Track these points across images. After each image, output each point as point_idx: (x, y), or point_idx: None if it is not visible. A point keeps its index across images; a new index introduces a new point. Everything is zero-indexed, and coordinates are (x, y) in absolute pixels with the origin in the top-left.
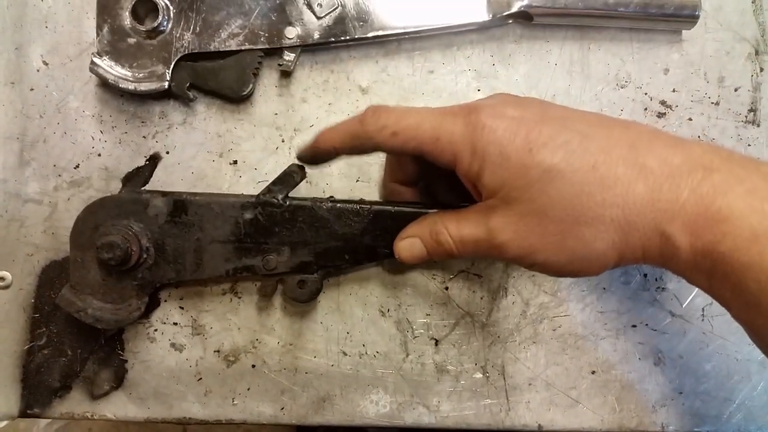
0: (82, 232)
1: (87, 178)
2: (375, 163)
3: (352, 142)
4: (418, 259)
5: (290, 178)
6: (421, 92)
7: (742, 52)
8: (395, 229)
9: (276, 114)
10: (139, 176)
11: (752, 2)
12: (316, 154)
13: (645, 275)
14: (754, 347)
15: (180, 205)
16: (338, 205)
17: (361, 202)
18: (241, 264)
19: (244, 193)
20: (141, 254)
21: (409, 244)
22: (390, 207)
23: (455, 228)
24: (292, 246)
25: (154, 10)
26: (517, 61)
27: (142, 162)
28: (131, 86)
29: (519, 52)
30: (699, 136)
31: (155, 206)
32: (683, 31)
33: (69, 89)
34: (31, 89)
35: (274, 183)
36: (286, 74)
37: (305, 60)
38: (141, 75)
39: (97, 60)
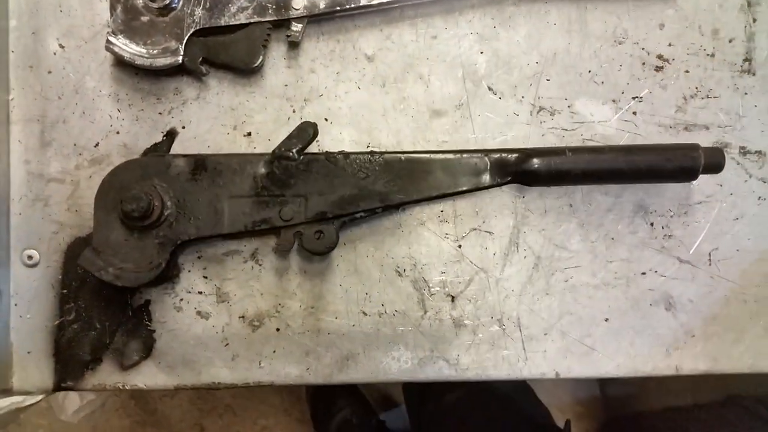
0: (107, 194)
1: (107, 155)
2: (384, 129)
3: None
4: None
5: (304, 133)
6: (425, 57)
7: (734, 4)
8: (406, 175)
9: (286, 85)
10: (157, 151)
11: None
12: None
13: (651, 224)
14: (762, 288)
15: (200, 163)
16: (350, 156)
17: (372, 153)
18: (259, 217)
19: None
20: (163, 209)
21: None
22: (400, 154)
23: None
24: (307, 197)
25: None
26: (517, 23)
27: (159, 138)
28: (147, 62)
29: (519, 14)
30: (696, 88)
31: (177, 166)
32: None
33: (85, 70)
34: (49, 72)
35: (288, 138)
36: (294, 45)
37: (311, 31)
38: (155, 51)
39: (112, 39)
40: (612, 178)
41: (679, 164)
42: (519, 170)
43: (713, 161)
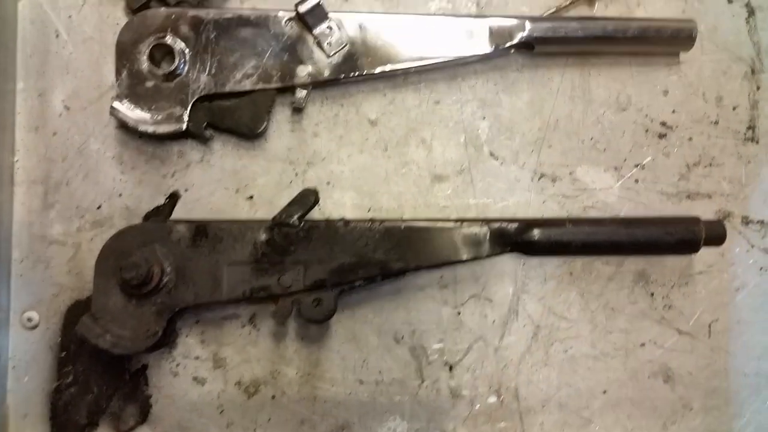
0: (107, 260)
1: (109, 218)
2: (386, 193)
3: None
4: None
5: (305, 200)
6: (428, 122)
7: (738, 72)
8: (406, 243)
9: (289, 149)
10: (159, 214)
11: (746, 22)
12: None
13: (652, 294)
14: (763, 362)
15: (201, 229)
16: (351, 223)
17: (373, 220)
18: (258, 284)
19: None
20: (162, 276)
21: None
22: (400, 223)
23: None
24: (306, 264)
25: (171, 53)
26: (520, 89)
27: (161, 200)
28: (150, 129)
29: (522, 80)
30: (699, 155)
31: (178, 232)
32: (681, 53)
33: (90, 132)
34: (54, 133)
35: (290, 204)
36: (298, 110)
37: (316, 95)
38: (159, 117)
39: (117, 104)
40: (612, 251)
41: (680, 237)
42: (519, 241)
43: (714, 235)
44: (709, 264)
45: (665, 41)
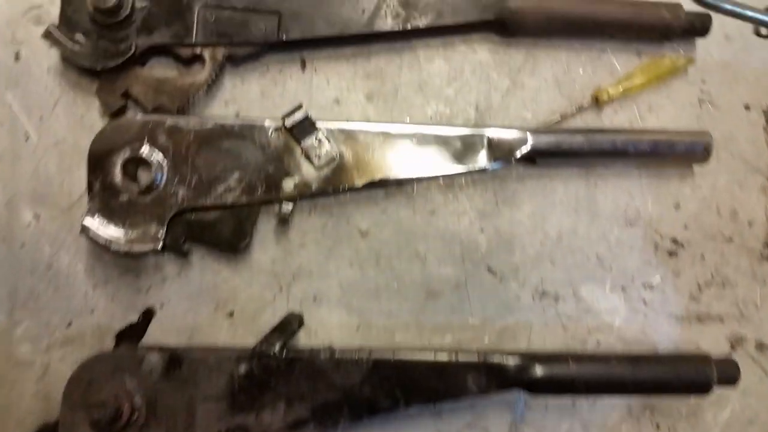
0: (75, 391)
1: (80, 336)
2: (376, 310)
3: None
4: None
5: (287, 326)
6: (422, 233)
7: (755, 184)
8: (396, 379)
9: (273, 261)
10: (133, 333)
11: (764, 130)
12: None
13: (657, 425)
14: None
15: (175, 359)
16: (336, 356)
17: (360, 350)
18: (234, 423)
19: (241, 346)
20: (132, 414)
21: None
22: (390, 356)
23: None
24: (288, 401)
25: (148, 164)
26: (520, 201)
27: (135, 317)
28: (123, 248)
29: (522, 192)
30: (712, 275)
31: (150, 361)
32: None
33: (60, 243)
34: (22, 245)
35: (271, 333)
36: (283, 221)
37: (303, 205)
38: (134, 235)
39: (88, 221)
40: (618, 391)
41: (690, 380)
42: (519, 379)
43: (726, 376)
44: (719, 394)
45: (679, 155)
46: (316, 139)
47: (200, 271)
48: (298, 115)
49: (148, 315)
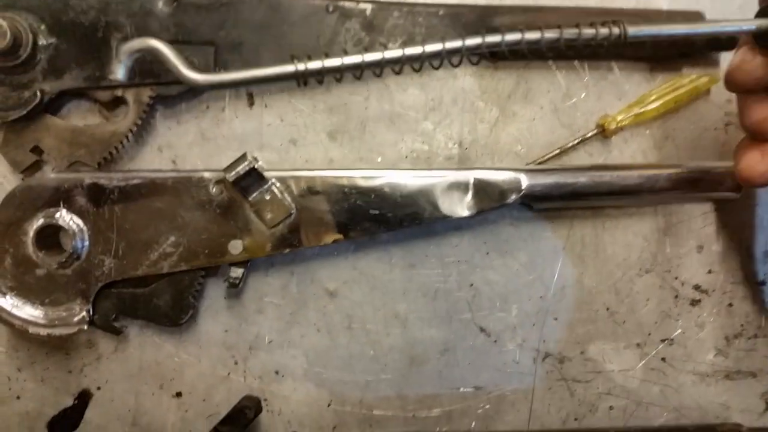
0: None
1: (5, 428)
2: (350, 383)
3: None
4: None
5: (242, 415)
6: (401, 291)
7: None
8: None
9: (226, 331)
10: (66, 420)
11: None
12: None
13: None
14: None
15: None
16: None
17: None
18: None
19: None
20: None
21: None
22: None
23: None
24: None
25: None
26: (515, 248)
27: (69, 401)
28: (44, 332)
29: (517, 237)
30: (741, 325)
31: None
32: None
33: None
34: None
35: (222, 422)
36: (234, 286)
37: (259, 262)
38: (55, 315)
39: (0, 302)
40: None
41: None
42: None
43: None
44: None
45: (707, 189)
46: (266, 192)
47: (140, 347)
48: (243, 167)
49: (83, 398)
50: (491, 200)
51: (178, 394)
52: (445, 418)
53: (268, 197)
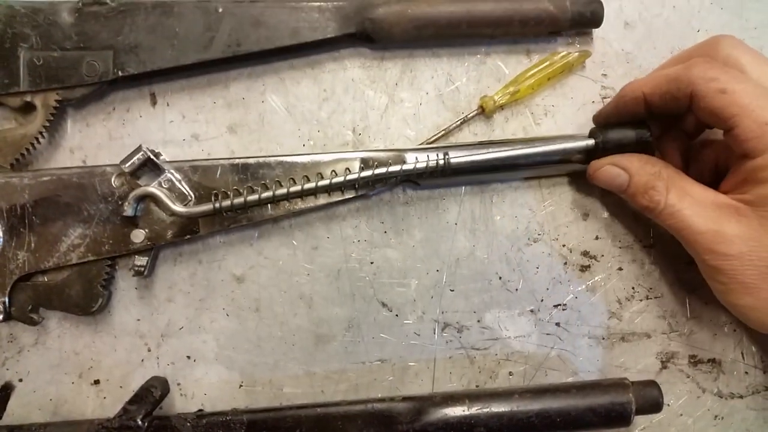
0: None
1: None
2: (260, 363)
3: (666, 86)
4: (612, 189)
5: (149, 394)
6: (305, 273)
7: None
8: None
9: (138, 320)
10: None
11: None
12: (619, 106)
13: None
14: None
15: None
16: (205, 420)
17: (234, 412)
18: None
19: (106, 417)
20: None
21: (614, 173)
22: (267, 413)
23: (677, 197)
24: None
25: None
26: (410, 225)
27: None
28: None
29: (412, 215)
30: (633, 288)
31: None
32: None
33: None
34: None
35: (130, 402)
36: (141, 274)
37: (167, 253)
38: None
39: None
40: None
41: (606, 411)
42: (411, 428)
43: (648, 403)
44: (651, 419)
45: (576, 160)
46: (164, 181)
47: (59, 338)
48: (138, 158)
49: (6, 391)
50: (379, 179)
51: (96, 382)
52: (352, 392)
53: (165, 186)
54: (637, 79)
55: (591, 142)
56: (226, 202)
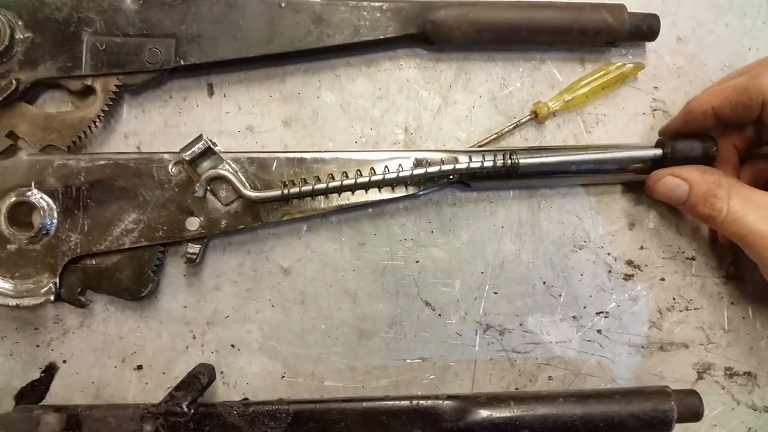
0: None
1: None
2: (303, 355)
3: (737, 97)
4: (671, 201)
5: (196, 381)
6: (350, 268)
7: None
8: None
9: (185, 307)
10: (33, 392)
11: None
12: (687, 120)
13: None
14: None
15: (74, 420)
16: (251, 408)
17: (280, 402)
18: None
19: (150, 402)
20: None
21: (674, 183)
22: (313, 405)
23: (740, 204)
24: None
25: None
26: (457, 227)
27: (36, 374)
28: (12, 302)
29: (459, 216)
30: (673, 298)
31: (47, 424)
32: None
33: None
34: None
35: (177, 388)
36: (192, 262)
37: (216, 242)
38: (24, 287)
39: None
40: None
41: (648, 417)
42: (456, 427)
43: (689, 411)
44: (686, 427)
45: (631, 171)
46: (223, 170)
47: (104, 322)
48: (198, 147)
49: (50, 371)
50: (432, 179)
51: (139, 367)
52: (392, 388)
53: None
54: (702, 94)
55: (659, 151)
56: (294, 189)
